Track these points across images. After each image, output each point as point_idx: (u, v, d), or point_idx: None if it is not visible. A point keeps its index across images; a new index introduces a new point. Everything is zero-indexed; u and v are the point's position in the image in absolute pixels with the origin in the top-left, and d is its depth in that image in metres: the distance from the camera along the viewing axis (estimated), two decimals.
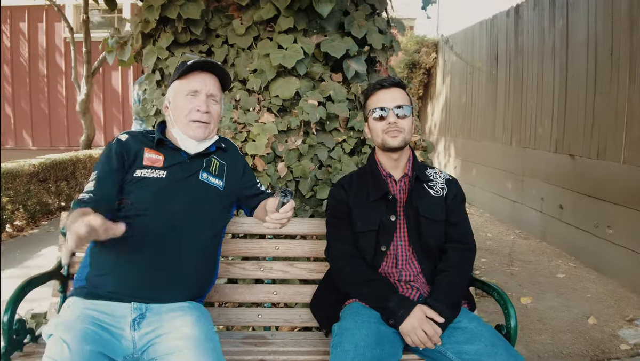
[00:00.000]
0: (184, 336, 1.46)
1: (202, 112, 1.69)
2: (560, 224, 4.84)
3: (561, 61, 4.81)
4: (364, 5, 2.97)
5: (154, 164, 1.69)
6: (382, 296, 1.63)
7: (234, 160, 1.87)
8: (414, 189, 1.80)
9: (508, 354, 1.48)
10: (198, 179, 1.73)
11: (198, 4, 2.67)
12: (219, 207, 1.78)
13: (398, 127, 1.78)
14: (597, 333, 3.21)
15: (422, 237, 1.75)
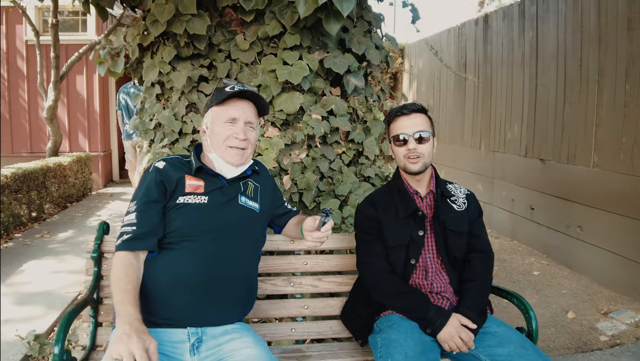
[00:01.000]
0: (249, 357, 1.52)
1: (240, 140, 1.74)
2: (531, 224, 5.11)
3: (531, 70, 5.07)
4: (362, 22, 3.08)
5: (195, 191, 1.73)
6: (420, 307, 1.75)
7: (266, 182, 1.94)
8: (439, 205, 1.92)
9: (537, 355, 1.61)
10: (237, 203, 1.78)
11: (204, 20, 2.71)
12: (257, 228, 1.84)
13: (418, 152, 1.90)
14: (577, 327, 3.44)
15: (450, 249, 1.88)
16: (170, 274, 1.59)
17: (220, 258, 1.66)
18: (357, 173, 3.08)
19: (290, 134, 2.82)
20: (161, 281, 1.59)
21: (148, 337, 1.34)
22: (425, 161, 1.91)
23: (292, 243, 2.05)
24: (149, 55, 3.03)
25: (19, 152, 8.39)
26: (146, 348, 1.30)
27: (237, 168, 1.79)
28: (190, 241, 1.64)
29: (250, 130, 1.79)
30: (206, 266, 1.62)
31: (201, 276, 1.61)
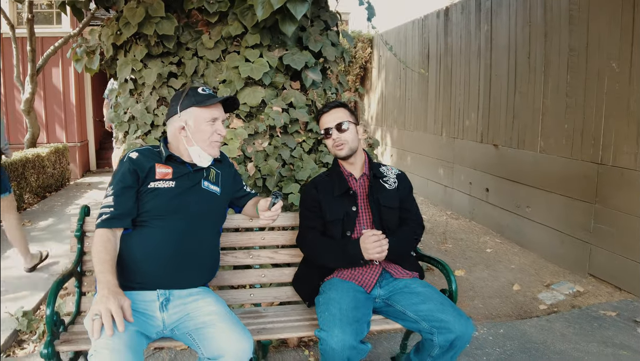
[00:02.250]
0: (211, 312, 1.83)
1: (221, 136, 2.07)
2: (486, 205, 5.49)
3: (486, 61, 5.42)
4: (319, 21, 3.36)
5: (164, 177, 2.02)
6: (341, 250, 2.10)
7: (227, 169, 2.23)
8: (372, 185, 2.25)
9: (453, 310, 1.95)
10: (201, 187, 2.07)
11: (172, 21, 2.97)
12: (218, 208, 2.13)
13: (341, 140, 2.23)
14: (520, 297, 3.80)
15: (384, 222, 2.20)
16: (143, 247, 1.88)
17: (185, 234, 1.95)
18: (317, 160, 3.37)
19: (254, 125, 3.11)
20: (135, 254, 1.88)
21: (123, 297, 1.62)
22: (350, 146, 2.24)
23: (251, 221, 2.35)
24: (123, 53, 3.28)
25: None
26: (121, 305, 1.59)
27: (207, 160, 2.09)
28: (160, 219, 1.93)
29: (223, 124, 2.11)
30: (174, 241, 1.92)
31: (169, 249, 1.91)
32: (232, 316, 1.86)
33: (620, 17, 3.58)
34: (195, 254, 1.99)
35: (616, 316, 3.29)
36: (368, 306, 2.04)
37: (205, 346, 1.78)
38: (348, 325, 1.83)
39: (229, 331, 1.76)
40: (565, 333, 3.07)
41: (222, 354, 1.73)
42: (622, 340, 2.95)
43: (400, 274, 2.17)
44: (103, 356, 1.52)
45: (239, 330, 1.79)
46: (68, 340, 1.89)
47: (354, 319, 1.87)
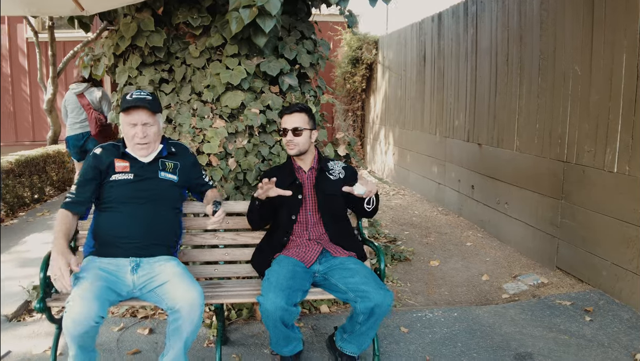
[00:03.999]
0: (171, 273, 2.26)
1: (140, 138, 2.38)
2: (472, 201, 5.77)
3: (472, 64, 5.70)
4: (295, 31, 3.72)
5: (123, 170, 2.42)
6: None
7: (184, 160, 2.60)
8: (318, 177, 2.63)
9: (375, 283, 2.30)
10: (158, 177, 2.47)
11: (161, 34, 3.37)
12: (175, 193, 2.54)
13: (293, 143, 2.58)
14: (486, 287, 4.09)
15: (329, 208, 2.59)
16: (113, 227, 2.34)
17: (148, 214, 2.38)
18: None
19: (235, 125, 3.49)
20: (107, 231, 2.34)
21: (68, 255, 2.10)
22: (300, 148, 2.61)
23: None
24: (122, 61, 3.69)
25: (22, 141, 9.11)
26: (68, 261, 2.06)
27: (147, 157, 2.46)
28: (124, 204, 2.37)
29: (149, 127, 2.40)
30: (139, 221, 2.35)
31: (136, 227, 2.34)
32: (187, 274, 2.29)
33: (582, 24, 3.83)
34: (158, 230, 2.40)
35: (570, 305, 3.55)
36: (306, 278, 2.40)
37: (165, 300, 2.20)
38: (281, 291, 2.20)
39: (182, 285, 2.19)
40: (515, 318, 3.36)
41: (176, 303, 2.15)
42: (567, 327, 3.21)
43: (338, 253, 2.52)
44: (75, 302, 2.01)
45: (189, 283, 2.21)
46: (57, 299, 2.31)
47: (287, 286, 2.24)
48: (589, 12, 3.76)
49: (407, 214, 6.45)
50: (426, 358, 2.81)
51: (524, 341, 3.02)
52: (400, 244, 5.11)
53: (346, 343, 2.51)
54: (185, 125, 3.46)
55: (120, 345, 2.90)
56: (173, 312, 2.17)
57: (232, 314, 3.18)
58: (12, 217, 5.93)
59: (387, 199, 7.35)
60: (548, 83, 4.29)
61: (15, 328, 3.20)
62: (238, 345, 2.90)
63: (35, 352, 2.85)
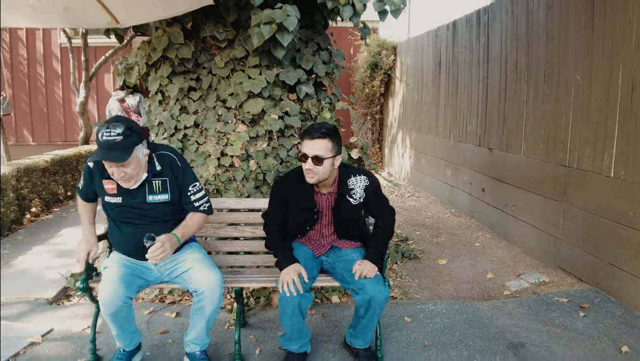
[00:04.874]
0: (192, 259, 2.58)
1: (119, 179, 2.40)
2: (483, 204, 5.99)
3: (484, 71, 5.92)
4: (312, 43, 4.02)
5: (111, 192, 2.50)
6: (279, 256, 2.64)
7: (173, 174, 2.55)
8: (338, 201, 2.64)
9: (375, 277, 2.57)
10: (146, 202, 2.50)
11: (189, 47, 3.70)
12: (171, 210, 2.58)
13: (313, 172, 2.43)
14: (490, 284, 4.32)
15: (345, 227, 2.77)
16: (121, 242, 2.63)
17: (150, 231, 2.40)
18: None
19: (255, 129, 3.80)
20: (118, 244, 2.66)
21: (91, 243, 2.57)
22: (319, 177, 2.47)
23: (239, 204, 3.04)
24: (154, 71, 4.04)
25: (55, 141, 9.61)
26: (89, 250, 2.47)
27: (136, 184, 2.46)
28: (124, 225, 2.58)
29: (127, 166, 2.35)
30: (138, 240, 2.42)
31: (141, 246, 2.38)
32: (207, 259, 2.62)
33: (583, 35, 4.05)
34: None
35: (567, 302, 3.76)
36: (314, 266, 2.70)
37: (190, 284, 2.53)
38: None
39: (203, 270, 2.52)
40: (513, 312, 3.59)
41: (200, 286, 2.48)
42: (561, 321, 3.44)
43: (345, 246, 2.80)
44: (103, 286, 2.42)
45: (209, 267, 2.53)
46: (98, 281, 2.65)
47: None
48: (589, 24, 3.97)
49: (420, 215, 6.69)
50: (425, 344, 3.07)
51: (519, 332, 3.26)
52: (411, 243, 5.37)
53: (354, 338, 2.82)
54: (210, 129, 3.79)
55: (150, 326, 3.24)
56: (197, 294, 2.50)
57: (251, 301, 3.50)
58: (47, 212, 6.36)
59: (402, 201, 7.59)
60: (552, 90, 4.51)
61: (55, 310, 3.57)
62: (255, 328, 3.21)
63: (74, 330, 3.21)
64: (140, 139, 2.41)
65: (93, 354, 2.79)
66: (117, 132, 2.29)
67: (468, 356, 2.95)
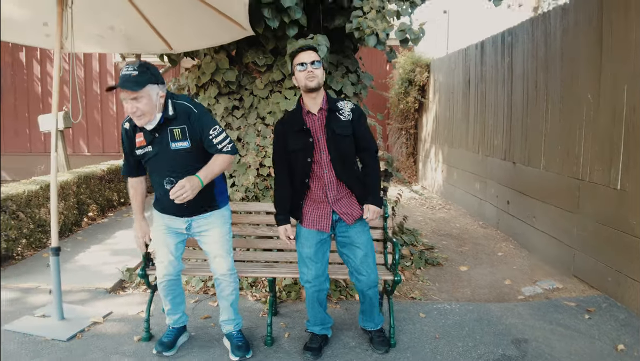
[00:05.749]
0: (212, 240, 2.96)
1: (131, 113, 2.61)
2: (507, 216, 6.27)
3: (508, 89, 6.25)
4: (341, 67, 4.49)
5: (142, 144, 2.73)
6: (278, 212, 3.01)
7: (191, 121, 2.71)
8: (329, 117, 2.83)
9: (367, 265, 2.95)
10: (170, 149, 2.69)
11: (234, 71, 4.24)
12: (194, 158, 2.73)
13: (314, 74, 2.73)
14: (506, 289, 4.60)
15: (339, 147, 2.83)
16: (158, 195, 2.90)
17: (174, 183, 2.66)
18: None
19: None
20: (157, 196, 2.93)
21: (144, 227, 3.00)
22: (319, 80, 2.75)
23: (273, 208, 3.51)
24: (203, 91, 4.60)
25: (109, 152, 10.42)
26: (144, 234, 2.99)
27: (150, 124, 2.67)
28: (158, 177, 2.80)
29: (139, 100, 2.57)
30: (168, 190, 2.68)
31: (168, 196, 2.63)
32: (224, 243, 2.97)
33: (593, 57, 4.36)
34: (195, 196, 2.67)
35: (575, 306, 4.04)
36: (325, 250, 3.00)
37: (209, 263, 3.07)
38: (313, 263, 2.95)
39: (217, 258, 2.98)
40: (522, 313, 3.91)
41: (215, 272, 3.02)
42: (566, 322, 3.73)
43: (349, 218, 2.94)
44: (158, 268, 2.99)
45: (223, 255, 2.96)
46: (154, 269, 3.17)
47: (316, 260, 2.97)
48: (597, 47, 4.28)
49: (448, 226, 7.01)
50: (435, 336, 3.44)
51: (524, 330, 3.58)
52: (436, 251, 5.71)
53: (365, 322, 3.27)
54: (251, 143, 4.30)
55: (195, 312, 3.75)
56: (215, 279, 3.03)
57: (283, 295, 3.96)
58: (103, 217, 7.04)
59: (432, 213, 7.92)
60: (567, 108, 4.81)
61: (113, 298, 4.13)
62: (285, 317, 3.67)
63: (130, 313, 3.76)
64: (156, 79, 2.65)
65: (147, 332, 3.32)
66: (133, 68, 2.58)
67: (473, 347, 3.31)
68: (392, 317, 3.30)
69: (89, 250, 5.42)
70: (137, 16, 3.98)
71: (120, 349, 3.23)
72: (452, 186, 8.69)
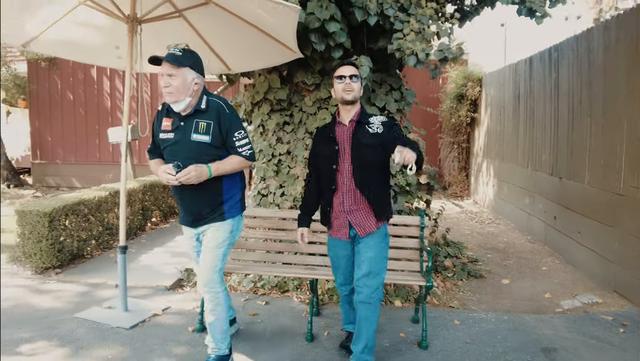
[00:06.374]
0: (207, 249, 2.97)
1: (163, 87, 2.73)
2: (554, 231, 6.29)
3: (555, 104, 6.30)
4: (385, 84, 4.77)
5: (166, 129, 2.83)
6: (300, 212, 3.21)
7: (218, 119, 2.79)
8: (357, 128, 2.92)
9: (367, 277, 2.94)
10: (190, 139, 2.77)
11: (285, 90, 4.62)
12: (210, 155, 2.80)
13: (351, 87, 2.87)
14: (545, 302, 4.67)
15: (362, 156, 2.89)
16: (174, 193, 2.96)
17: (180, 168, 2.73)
18: None
19: None
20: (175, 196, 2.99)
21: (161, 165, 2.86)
22: (355, 94, 2.89)
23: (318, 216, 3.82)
24: (257, 108, 5.01)
25: None
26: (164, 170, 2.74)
27: (177, 105, 2.76)
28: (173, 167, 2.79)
29: (174, 78, 2.71)
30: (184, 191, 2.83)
31: (185, 197, 2.87)
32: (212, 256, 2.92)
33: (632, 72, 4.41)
34: (202, 198, 2.85)
35: (611, 320, 4.09)
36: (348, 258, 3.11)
37: None
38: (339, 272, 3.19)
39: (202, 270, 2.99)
40: (556, 324, 4.00)
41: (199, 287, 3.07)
42: (599, 334, 3.80)
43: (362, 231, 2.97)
44: None
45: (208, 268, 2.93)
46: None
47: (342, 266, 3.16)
48: (638, 63, 4.34)
49: (495, 240, 7.07)
50: (467, 341, 3.63)
51: (556, 340, 3.69)
52: (480, 264, 5.82)
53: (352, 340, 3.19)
54: (299, 156, 4.65)
55: (244, 309, 4.13)
56: None
57: (325, 298, 4.25)
58: (165, 222, 7.60)
59: (481, 227, 7.98)
60: (609, 124, 4.86)
61: (172, 294, 4.57)
62: (326, 318, 3.97)
63: (186, 308, 4.20)
64: (195, 65, 2.81)
65: (200, 323, 3.73)
66: (179, 50, 2.78)
67: (502, 353, 3.47)
68: (424, 322, 3.51)
69: (151, 252, 5.94)
70: (198, 40, 4.43)
71: (176, 338, 3.64)
72: (502, 200, 8.71)
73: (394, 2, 4.12)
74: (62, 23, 4.19)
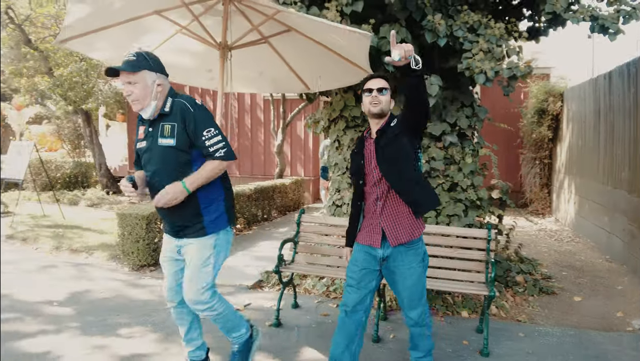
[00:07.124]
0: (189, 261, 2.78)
1: (126, 96, 2.63)
2: (633, 250, 6.11)
3: (635, 120, 6.15)
4: (456, 101, 4.97)
5: (140, 137, 2.71)
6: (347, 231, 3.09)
7: (181, 120, 2.62)
8: (380, 136, 2.81)
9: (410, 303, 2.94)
10: (157, 144, 2.64)
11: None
12: (176, 160, 2.63)
13: (378, 100, 2.77)
14: (616, 321, 4.59)
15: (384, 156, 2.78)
16: None
17: (154, 188, 2.67)
18: (453, 197, 4.91)
19: None
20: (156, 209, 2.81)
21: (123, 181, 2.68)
22: (382, 107, 2.79)
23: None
24: (333, 124, 5.38)
25: (256, 175, 11.80)
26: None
27: (145, 111, 2.65)
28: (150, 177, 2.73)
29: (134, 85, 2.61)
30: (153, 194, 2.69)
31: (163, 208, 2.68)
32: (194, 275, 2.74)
33: None
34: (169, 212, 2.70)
35: None
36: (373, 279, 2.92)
37: None
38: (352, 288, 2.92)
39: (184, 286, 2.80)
40: (623, 343, 3.96)
41: None
42: None
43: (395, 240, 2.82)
44: None
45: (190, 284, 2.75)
46: (285, 267, 3.96)
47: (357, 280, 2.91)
48: None
49: (571, 258, 6.94)
50: (528, 352, 3.73)
51: (619, 357, 3.69)
52: (553, 281, 5.79)
53: None
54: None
55: (317, 309, 4.50)
56: None
57: (394, 304, 4.49)
58: (248, 229, 8.15)
59: (559, 245, 7.83)
60: None
61: (252, 293, 5.02)
62: (393, 322, 4.24)
63: (265, 306, 4.63)
64: (153, 66, 2.67)
65: (276, 319, 4.14)
66: (132, 54, 2.63)
67: None
68: (486, 330, 3.67)
69: (235, 255, 6.45)
70: (281, 63, 4.88)
71: None
72: (582, 218, 8.48)
73: (463, 23, 4.34)
74: (161, 48, 4.78)
